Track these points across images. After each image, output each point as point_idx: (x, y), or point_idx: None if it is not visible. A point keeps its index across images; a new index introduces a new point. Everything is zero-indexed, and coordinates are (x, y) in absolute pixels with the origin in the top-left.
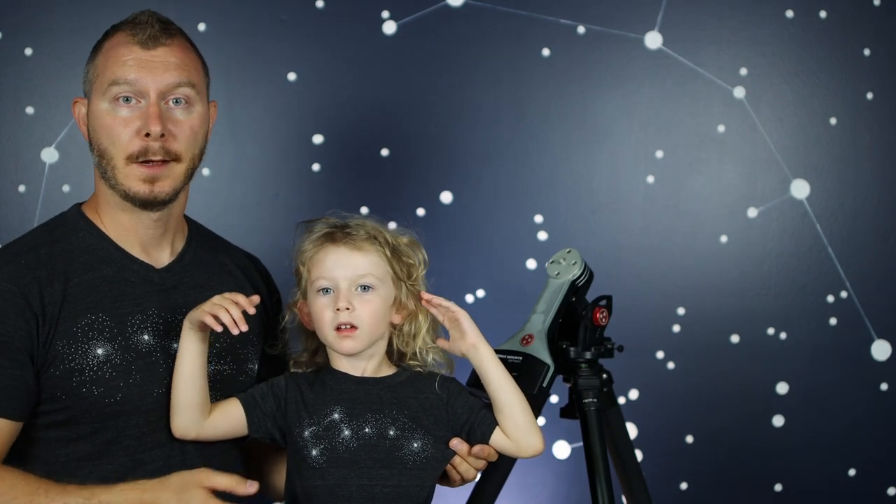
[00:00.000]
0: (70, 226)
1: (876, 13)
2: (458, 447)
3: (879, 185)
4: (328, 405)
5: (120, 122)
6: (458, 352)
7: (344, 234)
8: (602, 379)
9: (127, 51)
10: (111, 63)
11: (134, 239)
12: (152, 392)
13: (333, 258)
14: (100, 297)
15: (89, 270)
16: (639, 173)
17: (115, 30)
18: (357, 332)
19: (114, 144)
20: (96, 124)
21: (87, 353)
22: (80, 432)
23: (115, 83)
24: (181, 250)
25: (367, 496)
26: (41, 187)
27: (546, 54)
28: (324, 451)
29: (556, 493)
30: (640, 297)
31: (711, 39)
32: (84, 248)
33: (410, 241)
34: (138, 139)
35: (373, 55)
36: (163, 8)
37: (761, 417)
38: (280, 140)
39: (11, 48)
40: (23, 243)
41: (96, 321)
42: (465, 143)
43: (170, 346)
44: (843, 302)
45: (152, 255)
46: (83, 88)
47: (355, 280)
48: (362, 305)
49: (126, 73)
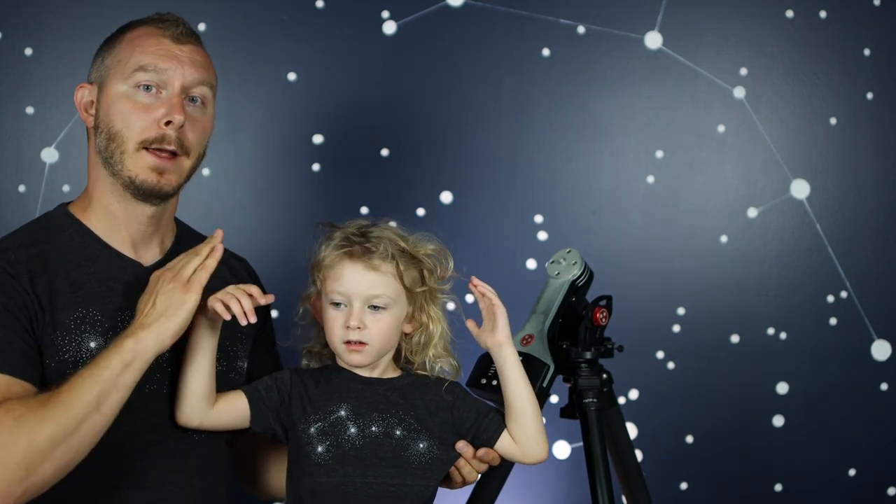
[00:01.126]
0: (55, 225)
1: (876, 13)
2: (463, 450)
3: (879, 185)
4: (334, 402)
5: (140, 107)
6: (483, 343)
7: (362, 251)
8: (602, 379)
9: (156, 41)
10: (138, 50)
11: (124, 234)
12: (143, 388)
13: (349, 275)
14: (89, 293)
15: (76, 268)
16: (639, 173)
17: (138, 24)
18: (366, 348)
19: (129, 128)
20: (110, 107)
21: (81, 346)
22: None
23: (143, 69)
24: (170, 248)
25: (372, 494)
26: (41, 187)
27: (546, 54)
28: (329, 448)
29: (556, 493)
30: (640, 297)
31: (711, 39)
32: (70, 246)
33: (438, 249)
34: (156, 126)
35: (373, 55)
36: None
37: (761, 417)
38: (280, 140)
39: (11, 48)
40: (8, 242)
41: (88, 315)
42: (465, 143)
43: None
44: (843, 302)
45: (140, 253)
46: (91, 76)
47: (368, 299)
48: (373, 324)
49: (156, 61)
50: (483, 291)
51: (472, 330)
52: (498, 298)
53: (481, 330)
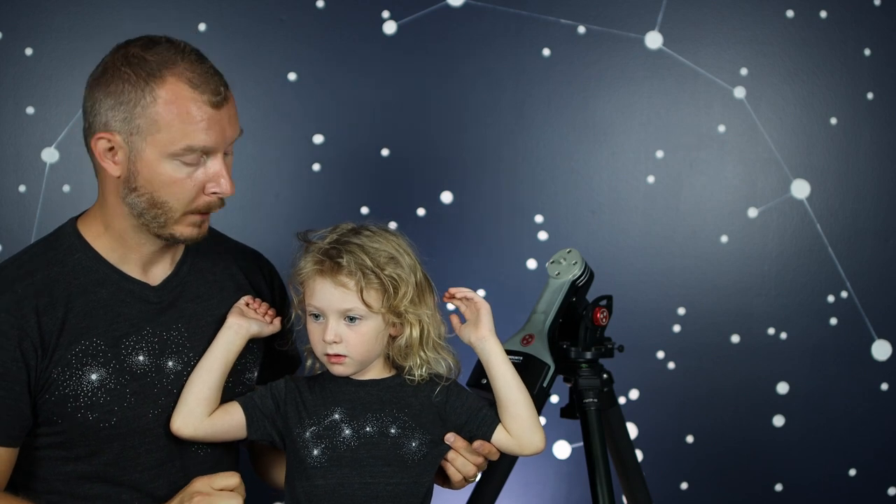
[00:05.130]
0: (66, 246)
1: (876, 13)
2: (452, 442)
3: (879, 184)
4: (328, 406)
5: (190, 181)
6: (466, 339)
7: (332, 266)
8: (602, 379)
9: (199, 110)
10: (183, 123)
11: (135, 258)
12: (147, 413)
13: (321, 289)
14: (95, 322)
15: (84, 293)
16: (639, 173)
17: (164, 69)
18: (346, 360)
19: (178, 200)
20: (154, 176)
21: (82, 380)
22: (78, 453)
23: (192, 150)
24: (178, 261)
25: (370, 494)
26: (41, 187)
27: (546, 54)
28: (325, 451)
29: (556, 492)
30: (640, 297)
31: (711, 39)
32: (80, 270)
33: (389, 259)
34: (204, 196)
35: (373, 55)
36: (163, 8)
37: (761, 417)
38: (280, 140)
39: (11, 48)
40: (18, 265)
41: (90, 346)
42: (466, 143)
43: (164, 364)
44: (843, 302)
45: (150, 274)
46: (111, 124)
47: (343, 312)
48: (351, 336)
49: (206, 140)
50: (461, 296)
51: (454, 326)
52: (478, 297)
53: (464, 326)
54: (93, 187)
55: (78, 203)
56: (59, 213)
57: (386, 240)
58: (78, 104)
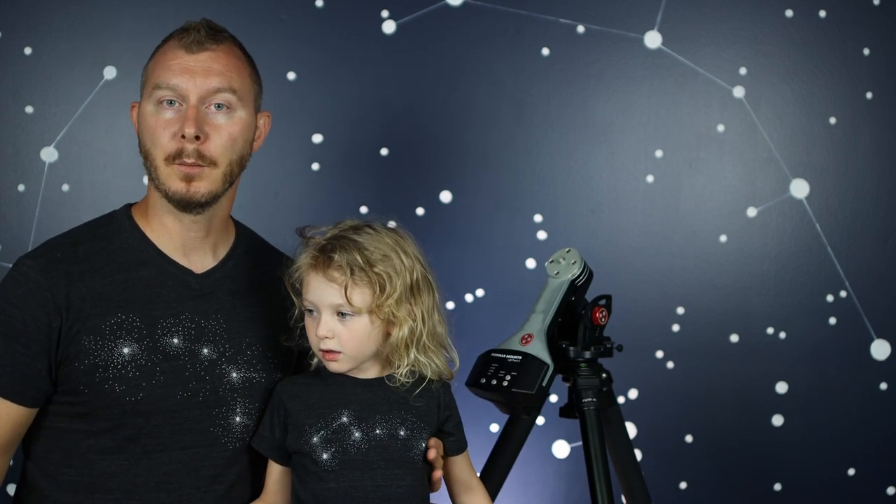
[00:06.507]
0: (115, 225)
1: (876, 13)
2: (434, 448)
3: (879, 184)
4: (335, 408)
5: (162, 123)
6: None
7: (325, 261)
8: (601, 378)
9: (173, 55)
10: (158, 67)
11: (177, 242)
12: (175, 394)
13: (314, 285)
14: (133, 297)
15: (126, 271)
16: (638, 173)
17: (170, 36)
18: (340, 356)
19: (155, 145)
20: (142, 126)
21: (113, 352)
22: (100, 427)
23: (158, 87)
24: (225, 255)
25: (383, 497)
26: (41, 186)
27: (546, 54)
28: (335, 455)
29: (556, 492)
30: (639, 296)
31: (711, 39)
32: (125, 248)
33: (382, 257)
34: (175, 140)
35: (373, 55)
36: (163, 8)
37: (761, 417)
38: (280, 140)
39: (11, 48)
40: (67, 236)
41: (126, 321)
42: (465, 143)
43: (199, 350)
44: (842, 302)
45: (193, 260)
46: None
47: (334, 308)
48: (343, 331)
49: (169, 77)
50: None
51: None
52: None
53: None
54: (92, 186)
55: (77, 202)
56: (58, 212)
57: (385, 238)
58: (77, 104)
